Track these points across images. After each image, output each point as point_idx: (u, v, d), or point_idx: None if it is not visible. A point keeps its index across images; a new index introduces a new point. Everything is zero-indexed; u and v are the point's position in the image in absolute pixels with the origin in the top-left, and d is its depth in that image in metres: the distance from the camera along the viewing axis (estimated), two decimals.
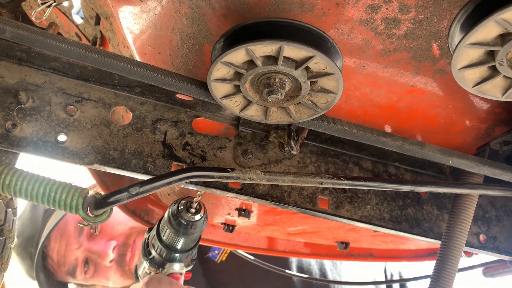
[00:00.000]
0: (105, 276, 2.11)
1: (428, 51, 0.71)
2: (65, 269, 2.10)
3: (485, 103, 0.86)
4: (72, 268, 2.09)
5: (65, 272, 2.11)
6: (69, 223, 2.08)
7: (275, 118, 0.75)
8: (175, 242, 1.04)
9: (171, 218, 1.01)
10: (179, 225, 1.00)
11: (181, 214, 1.00)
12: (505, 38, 0.54)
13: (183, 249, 1.07)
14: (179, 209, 1.00)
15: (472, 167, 0.84)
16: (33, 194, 0.72)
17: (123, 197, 0.74)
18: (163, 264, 1.09)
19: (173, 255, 1.07)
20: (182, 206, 1.01)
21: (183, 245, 1.06)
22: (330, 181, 0.82)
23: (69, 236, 2.06)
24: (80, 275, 2.10)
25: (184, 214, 1.00)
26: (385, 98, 0.84)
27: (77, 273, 2.09)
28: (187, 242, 1.05)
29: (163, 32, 0.80)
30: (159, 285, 1.07)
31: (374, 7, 0.63)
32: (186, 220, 1.00)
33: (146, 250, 1.12)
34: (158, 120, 0.89)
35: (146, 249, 1.12)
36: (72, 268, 2.09)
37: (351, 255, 1.85)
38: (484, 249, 1.11)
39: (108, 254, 2.05)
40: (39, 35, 0.63)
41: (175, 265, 1.09)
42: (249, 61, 0.63)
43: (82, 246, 2.06)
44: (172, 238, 1.03)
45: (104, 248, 2.05)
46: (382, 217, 1.03)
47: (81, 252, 2.07)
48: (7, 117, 0.79)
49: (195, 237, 1.06)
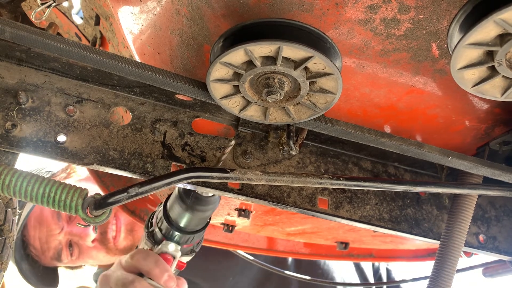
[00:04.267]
0: (90, 255, 2.12)
1: (427, 51, 0.71)
2: (50, 254, 2.10)
3: (485, 103, 0.86)
4: (57, 253, 2.09)
5: (50, 257, 2.11)
6: (44, 209, 2.07)
7: (275, 118, 0.75)
8: (179, 217, 0.95)
9: (182, 190, 0.92)
10: (188, 197, 0.91)
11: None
12: (504, 38, 0.54)
13: (185, 228, 0.97)
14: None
15: (471, 168, 0.84)
16: (32, 194, 0.72)
17: (122, 197, 0.74)
18: (160, 241, 1.01)
19: (172, 233, 0.98)
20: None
21: (187, 223, 0.96)
22: (330, 182, 0.82)
23: (48, 222, 2.06)
24: (66, 258, 2.10)
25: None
26: (384, 98, 0.84)
27: (62, 257, 2.09)
28: (191, 221, 0.95)
29: (163, 33, 0.80)
30: (143, 260, 0.99)
31: (373, 7, 0.63)
32: (198, 194, 0.90)
33: (149, 221, 1.04)
34: (157, 121, 0.89)
35: (149, 220, 1.04)
36: (57, 253, 2.09)
37: (351, 255, 1.85)
38: (483, 249, 1.11)
39: (89, 234, 2.04)
40: (39, 36, 0.63)
41: (170, 244, 0.99)
42: (248, 61, 0.63)
43: (63, 230, 2.06)
44: (177, 212, 0.94)
45: (84, 228, 2.03)
46: (381, 217, 1.03)
47: (63, 236, 2.06)
48: (6, 118, 0.79)
49: (202, 217, 0.96)
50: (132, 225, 2.14)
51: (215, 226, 1.67)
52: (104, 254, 2.12)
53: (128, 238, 2.13)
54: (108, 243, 2.09)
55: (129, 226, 2.13)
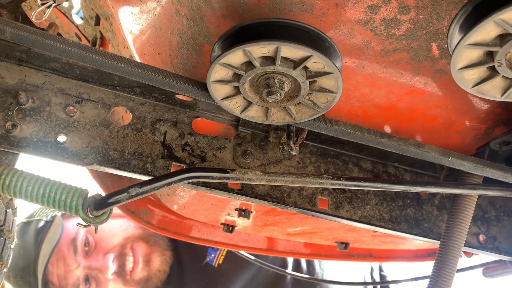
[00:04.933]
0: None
1: (427, 52, 0.71)
2: None
3: (485, 104, 0.86)
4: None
5: None
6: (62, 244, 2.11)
7: (276, 118, 0.75)
8: None
9: None
10: None
11: None
12: (504, 39, 0.54)
13: None
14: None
15: (471, 168, 0.84)
16: (33, 194, 0.72)
17: (122, 197, 0.74)
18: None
19: None
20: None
21: None
22: (330, 182, 0.82)
23: (65, 258, 2.08)
24: None
25: None
26: (384, 98, 0.84)
27: None
28: None
29: (163, 33, 0.80)
30: None
31: (373, 8, 0.64)
32: None
33: None
34: (157, 121, 0.89)
35: None
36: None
37: (351, 256, 1.85)
38: (483, 249, 1.11)
39: (109, 267, 2.07)
40: (39, 36, 0.63)
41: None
42: (248, 62, 0.63)
43: (81, 265, 2.08)
44: None
45: (104, 262, 2.07)
46: (381, 217, 1.03)
47: (81, 271, 2.09)
48: (7, 118, 0.79)
49: None
50: (148, 256, 2.17)
51: (215, 226, 1.67)
52: (121, 286, 2.14)
53: (145, 269, 2.15)
54: (126, 275, 2.11)
55: (146, 258, 2.16)
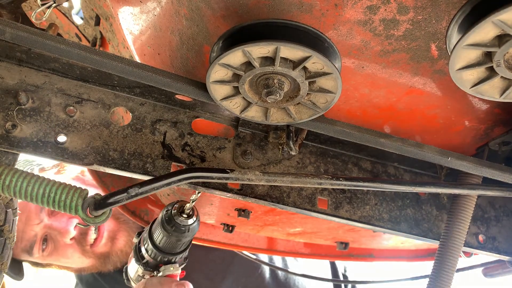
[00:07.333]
0: (64, 254, 2.06)
1: (426, 52, 0.71)
2: (22, 246, 2.02)
3: (484, 104, 0.86)
4: (29, 245, 2.01)
5: (21, 248, 2.02)
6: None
7: (276, 118, 0.75)
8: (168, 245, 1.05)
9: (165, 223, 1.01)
10: (173, 229, 1.00)
11: (174, 218, 1.00)
12: (502, 39, 0.54)
13: (177, 251, 1.07)
14: (172, 213, 1.00)
15: (471, 168, 0.84)
16: (32, 194, 0.72)
17: (122, 198, 0.74)
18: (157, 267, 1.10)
19: (167, 258, 1.08)
20: (176, 210, 1.00)
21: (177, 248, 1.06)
22: (329, 182, 0.82)
23: (29, 211, 1.98)
24: (37, 253, 2.02)
25: (178, 218, 0.99)
26: (384, 98, 0.84)
27: (34, 250, 2.02)
28: (180, 245, 1.06)
29: (163, 33, 0.80)
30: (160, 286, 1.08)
31: (372, 8, 0.64)
32: (180, 224, 1.00)
33: (139, 255, 1.12)
34: (157, 121, 0.89)
35: (138, 254, 1.13)
36: (30, 245, 2.01)
37: (351, 255, 1.85)
38: (483, 249, 1.11)
39: (69, 231, 1.98)
40: (39, 36, 0.64)
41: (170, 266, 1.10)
42: (247, 62, 0.63)
43: (43, 222, 1.99)
44: (165, 241, 1.04)
45: (66, 225, 1.99)
46: (381, 217, 1.03)
47: (40, 228, 2.00)
48: (7, 118, 0.79)
49: (189, 240, 1.07)
50: (114, 233, 2.10)
51: (215, 226, 1.68)
52: (79, 255, 2.07)
53: (108, 245, 2.08)
54: (86, 244, 2.04)
55: (111, 233, 2.09)
